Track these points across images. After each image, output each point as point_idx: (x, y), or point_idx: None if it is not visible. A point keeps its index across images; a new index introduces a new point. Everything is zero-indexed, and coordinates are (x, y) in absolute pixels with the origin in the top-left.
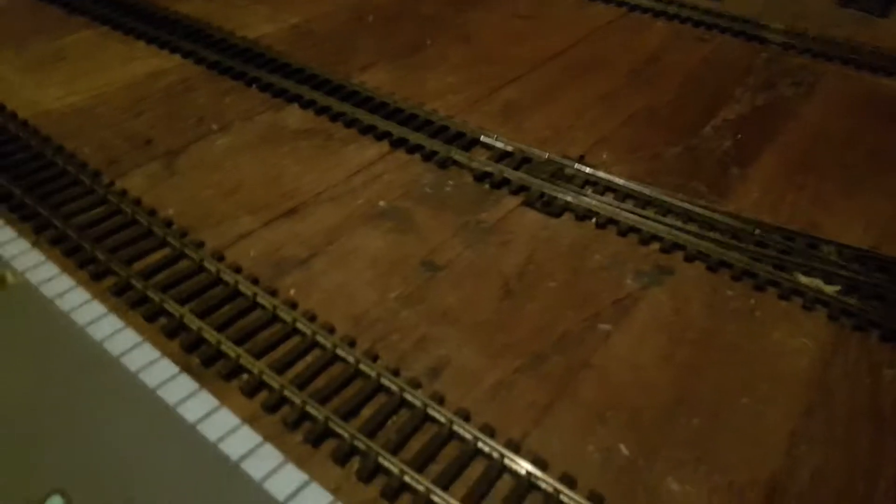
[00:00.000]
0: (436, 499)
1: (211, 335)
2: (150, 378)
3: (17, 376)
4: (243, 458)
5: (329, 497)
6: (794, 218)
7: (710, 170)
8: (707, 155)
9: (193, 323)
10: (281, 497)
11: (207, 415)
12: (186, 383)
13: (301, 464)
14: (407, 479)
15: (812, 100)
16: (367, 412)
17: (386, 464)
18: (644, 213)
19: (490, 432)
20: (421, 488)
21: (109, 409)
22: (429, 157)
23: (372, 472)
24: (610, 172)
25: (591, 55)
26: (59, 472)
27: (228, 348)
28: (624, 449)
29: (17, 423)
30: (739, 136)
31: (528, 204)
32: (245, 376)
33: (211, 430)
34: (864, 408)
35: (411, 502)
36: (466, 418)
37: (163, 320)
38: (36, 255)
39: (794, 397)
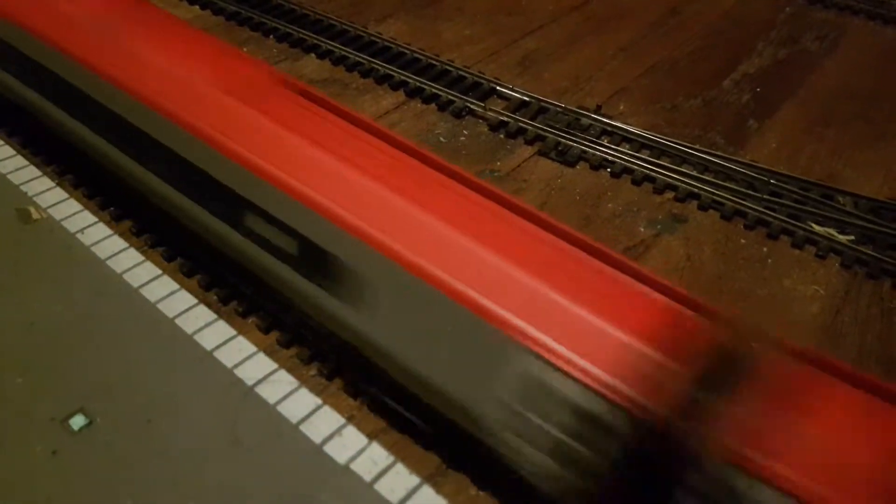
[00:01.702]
0: None
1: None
2: (169, 308)
3: (42, 305)
4: (258, 382)
5: (342, 420)
6: (811, 169)
7: (728, 122)
8: (725, 107)
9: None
10: (294, 420)
11: (224, 343)
12: (204, 314)
13: (316, 393)
14: None
15: (836, 54)
16: None
17: None
18: (659, 162)
19: None
20: None
21: (129, 336)
22: (444, 106)
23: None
24: (627, 123)
25: (613, 6)
26: (82, 392)
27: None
28: None
29: (43, 348)
30: (759, 89)
31: (542, 153)
32: (261, 312)
33: (227, 357)
34: (874, 352)
35: None
36: None
37: (181, 260)
38: (59, 193)
39: (805, 341)
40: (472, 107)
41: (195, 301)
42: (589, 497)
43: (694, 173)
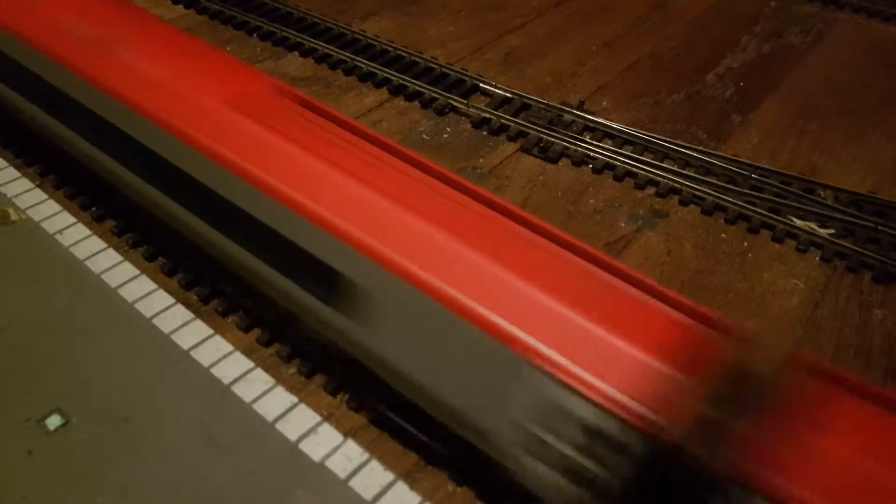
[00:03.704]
0: None
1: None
2: (146, 308)
3: (20, 306)
4: (235, 381)
5: (318, 418)
6: (793, 163)
7: (710, 116)
8: (709, 102)
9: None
10: (270, 418)
11: (201, 342)
12: (182, 313)
13: (294, 391)
14: None
15: (820, 48)
16: None
17: None
18: (641, 158)
19: None
20: None
21: (107, 336)
22: (427, 104)
23: None
24: (610, 119)
25: (597, 2)
26: (58, 392)
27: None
28: None
29: (20, 348)
30: (742, 83)
31: (525, 150)
32: (241, 312)
33: (204, 357)
34: (852, 345)
35: None
36: None
37: (162, 260)
38: (38, 194)
39: (784, 334)
40: (454, 104)
41: (173, 301)
42: None
43: (675, 168)
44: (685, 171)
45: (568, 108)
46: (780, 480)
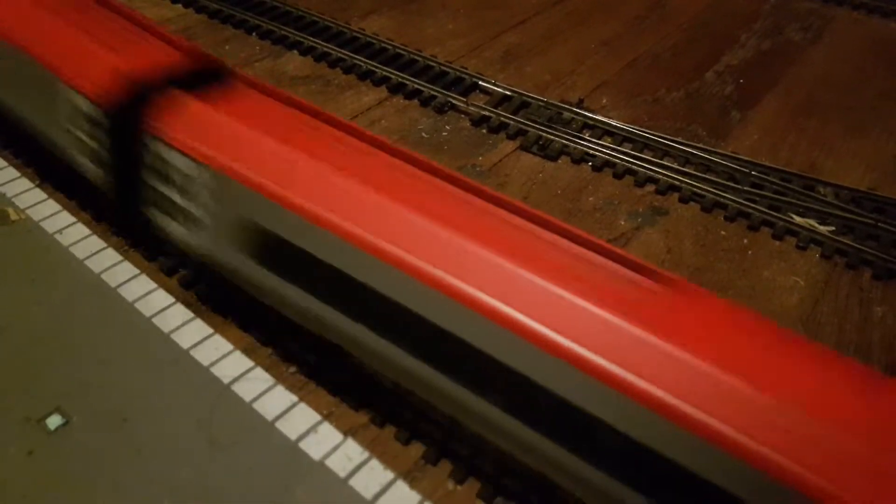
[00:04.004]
0: None
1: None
2: (146, 307)
3: (19, 305)
4: (234, 380)
5: (318, 417)
6: (793, 160)
7: (710, 114)
8: (708, 99)
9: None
10: (269, 417)
11: (201, 341)
12: (181, 312)
13: (293, 390)
14: None
15: (820, 44)
16: None
17: None
18: (641, 155)
19: None
20: None
21: (106, 336)
22: (426, 102)
23: None
24: (609, 116)
25: (595, 0)
26: (58, 392)
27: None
28: None
29: (19, 348)
30: (742, 80)
31: (524, 148)
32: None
33: (203, 356)
34: (852, 342)
35: None
36: None
37: (161, 259)
38: (38, 193)
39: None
40: (454, 102)
41: (172, 300)
42: None
43: (675, 166)
44: (685, 169)
45: (567, 106)
46: None
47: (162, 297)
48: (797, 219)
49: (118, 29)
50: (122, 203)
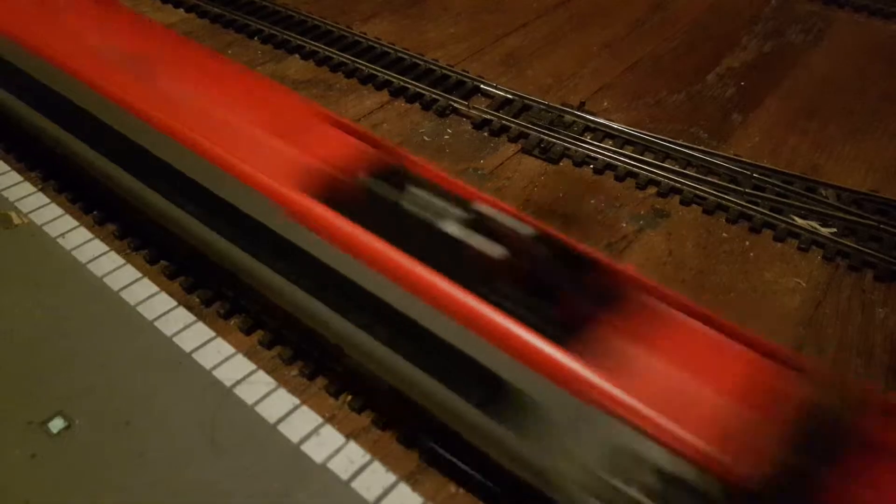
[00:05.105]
0: None
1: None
2: (148, 311)
3: (22, 308)
4: (237, 383)
5: (320, 420)
6: (794, 162)
7: (711, 116)
8: (709, 101)
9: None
10: (272, 420)
11: (203, 344)
12: (183, 316)
13: (295, 393)
14: None
15: (821, 46)
16: None
17: None
18: (642, 158)
19: None
20: None
21: (109, 339)
22: (428, 105)
23: None
24: (611, 119)
25: (596, 3)
26: (61, 395)
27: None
28: None
29: (22, 352)
30: (743, 83)
31: (526, 151)
32: (243, 315)
33: (205, 359)
34: (854, 344)
35: None
36: None
37: (164, 262)
38: (40, 198)
39: (785, 334)
40: (455, 105)
41: (175, 304)
42: None
43: (676, 168)
44: (686, 171)
45: (569, 109)
46: None
47: (164, 301)
48: (799, 221)
49: None
50: None
